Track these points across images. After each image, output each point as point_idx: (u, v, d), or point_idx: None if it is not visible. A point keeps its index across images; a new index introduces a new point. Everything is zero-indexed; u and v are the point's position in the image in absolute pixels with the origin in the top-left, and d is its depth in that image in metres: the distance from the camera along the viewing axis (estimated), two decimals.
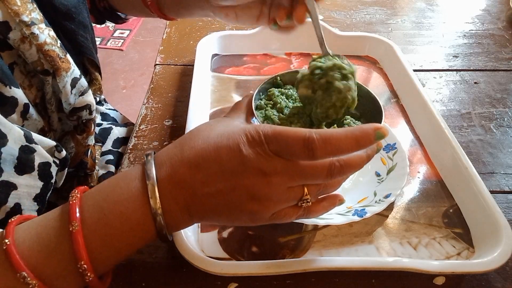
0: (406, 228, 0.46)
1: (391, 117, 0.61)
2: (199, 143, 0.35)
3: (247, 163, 0.33)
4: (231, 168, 0.33)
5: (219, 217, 0.35)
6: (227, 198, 0.34)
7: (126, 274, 0.41)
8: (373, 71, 0.71)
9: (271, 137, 0.33)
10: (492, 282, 0.42)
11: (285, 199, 0.34)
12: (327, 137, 0.32)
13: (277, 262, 0.40)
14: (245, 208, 0.34)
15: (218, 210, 0.34)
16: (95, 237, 0.32)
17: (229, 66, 0.70)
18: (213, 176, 0.33)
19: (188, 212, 0.34)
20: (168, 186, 0.34)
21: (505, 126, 0.61)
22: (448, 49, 0.78)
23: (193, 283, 0.41)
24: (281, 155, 0.33)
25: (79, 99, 0.45)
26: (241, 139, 0.33)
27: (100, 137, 0.62)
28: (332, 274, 0.41)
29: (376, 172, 0.51)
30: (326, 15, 0.87)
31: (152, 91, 0.65)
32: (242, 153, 0.33)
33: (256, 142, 0.33)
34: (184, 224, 0.36)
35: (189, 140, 0.36)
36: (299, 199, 0.35)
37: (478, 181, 0.47)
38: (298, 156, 0.32)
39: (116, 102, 1.91)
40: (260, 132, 0.33)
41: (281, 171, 0.33)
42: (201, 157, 0.34)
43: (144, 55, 2.26)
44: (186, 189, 0.34)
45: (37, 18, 0.40)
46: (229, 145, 0.33)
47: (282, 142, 0.32)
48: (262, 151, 0.33)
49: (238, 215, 0.35)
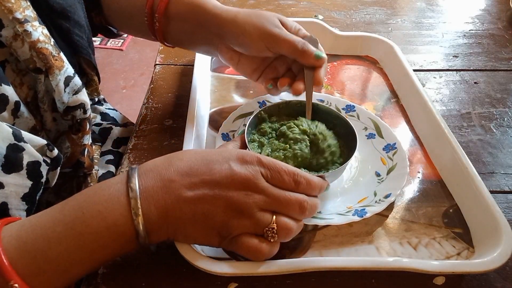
0: (406, 228, 0.46)
1: (391, 117, 0.61)
2: (188, 156, 0.38)
3: (235, 177, 0.36)
4: (219, 180, 0.36)
5: (193, 228, 0.36)
6: (206, 206, 0.35)
7: (126, 274, 0.41)
8: (373, 71, 0.71)
9: (265, 162, 0.37)
10: (492, 282, 0.42)
11: (256, 219, 0.36)
12: (308, 178, 0.39)
13: (277, 262, 0.40)
14: (219, 218, 0.36)
15: (194, 219, 0.36)
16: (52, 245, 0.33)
17: (229, 66, 0.70)
18: (200, 182, 0.36)
19: (166, 219, 0.35)
20: (151, 190, 0.35)
21: (505, 126, 0.61)
22: (448, 49, 0.78)
23: (193, 283, 0.41)
24: (270, 180, 0.37)
25: (72, 98, 0.45)
26: (232, 157, 0.37)
27: (100, 137, 0.61)
28: (332, 274, 0.41)
29: (376, 172, 0.51)
30: (326, 15, 0.87)
31: (152, 91, 0.65)
32: (232, 168, 0.36)
33: (248, 163, 0.37)
34: (158, 232, 0.36)
35: (177, 154, 0.38)
36: (266, 225, 0.36)
37: (478, 181, 0.47)
38: (285, 184, 0.37)
39: (116, 102, 1.91)
40: (255, 156, 0.37)
41: (262, 191, 0.36)
42: (191, 167, 0.37)
43: (144, 55, 2.26)
44: (170, 193, 0.35)
45: (31, 16, 0.40)
46: (219, 160, 0.37)
47: (275, 169, 0.37)
48: (253, 171, 0.36)
49: (211, 226, 0.36)
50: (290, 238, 0.38)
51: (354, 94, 0.66)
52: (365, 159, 0.53)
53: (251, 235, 0.37)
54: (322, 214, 0.46)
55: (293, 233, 0.38)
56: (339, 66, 0.72)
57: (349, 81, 0.68)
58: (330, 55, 0.74)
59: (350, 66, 0.72)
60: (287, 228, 0.37)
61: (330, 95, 0.62)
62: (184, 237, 0.38)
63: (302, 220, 0.39)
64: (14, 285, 0.31)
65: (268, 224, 0.36)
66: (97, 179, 0.55)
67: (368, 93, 0.66)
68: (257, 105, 0.59)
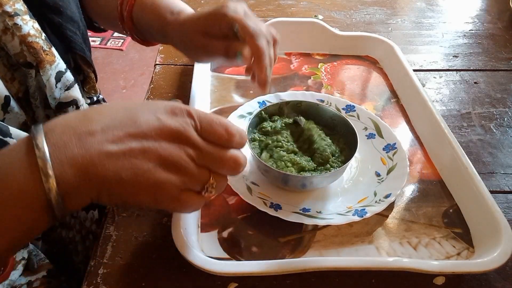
0: (406, 228, 0.46)
1: (391, 117, 0.61)
2: (107, 109, 0.33)
3: (164, 129, 0.32)
4: (146, 132, 0.31)
5: (121, 187, 0.31)
6: (134, 162, 0.30)
7: (126, 274, 0.41)
8: (373, 71, 0.71)
9: (195, 115, 0.33)
10: (492, 282, 0.42)
11: (193, 176, 0.33)
12: (240, 130, 0.35)
13: (277, 262, 0.40)
14: (151, 176, 0.31)
15: (122, 177, 0.30)
16: None
17: (229, 66, 0.70)
18: (125, 135, 0.31)
19: (85, 178, 0.30)
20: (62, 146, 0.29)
21: (505, 126, 0.61)
22: (448, 49, 0.78)
23: (193, 283, 0.41)
24: (201, 133, 0.33)
25: (64, 94, 0.44)
26: (159, 110, 0.33)
27: None
28: (332, 274, 0.41)
29: (376, 172, 0.51)
30: (326, 15, 0.87)
31: (152, 91, 0.65)
32: (160, 119, 0.32)
33: (178, 115, 0.33)
34: (76, 196, 0.30)
35: (94, 108, 0.33)
36: (204, 183, 0.34)
37: (478, 181, 0.47)
38: (217, 137, 0.34)
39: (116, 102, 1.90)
40: (184, 108, 0.33)
41: (194, 144, 0.33)
42: (112, 119, 0.32)
43: (144, 55, 2.26)
44: (89, 148, 0.30)
45: (21, 10, 0.40)
46: (145, 113, 0.32)
47: (206, 121, 0.33)
48: (183, 122, 0.32)
49: (142, 185, 0.31)
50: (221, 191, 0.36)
51: (354, 94, 0.66)
52: (365, 159, 0.53)
53: (191, 192, 0.34)
54: (322, 214, 0.46)
55: (224, 185, 0.36)
56: (339, 66, 0.72)
57: (349, 81, 0.68)
58: (330, 55, 0.74)
59: (350, 66, 0.72)
60: (223, 184, 0.35)
61: (330, 95, 0.62)
62: (110, 198, 0.32)
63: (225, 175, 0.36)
64: None
65: (207, 180, 0.34)
66: None
67: (368, 93, 0.66)
68: (257, 105, 0.59)
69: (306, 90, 0.65)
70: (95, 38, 2.38)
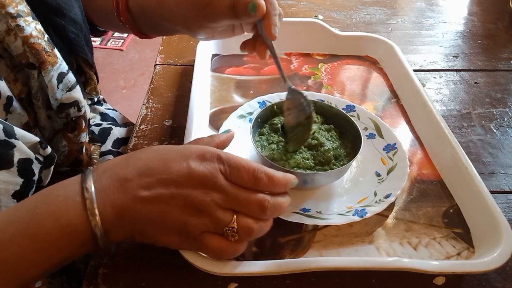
0: (406, 228, 0.46)
1: (391, 117, 0.61)
2: (146, 155, 0.37)
3: (192, 176, 0.35)
4: (175, 178, 0.35)
5: (150, 228, 0.35)
6: (163, 207, 0.35)
7: (126, 274, 0.41)
8: (373, 71, 0.71)
9: (224, 159, 0.36)
10: (492, 282, 0.42)
11: (213, 219, 0.35)
12: (270, 174, 0.37)
13: (277, 262, 0.40)
14: (177, 218, 0.35)
15: (151, 219, 0.35)
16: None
17: (229, 66, 0.70)
18: (157, 182, 0.35)
19: (122, 219, 0.34)
20: (107, 189, 0.34)
21: (505, 126, 0.61)
22: (448, 49, 0.78)
23: (193, 283, 0.41)
24: (229, 177, 0.36)
25: (66, 95, 0.44)
26: (192, 155, 0.36)
27: (99, 137, 0.61)
28: (332, 274, 0.41)
29: (376, 172, 0.51)
30: (326, 15, 0.87)
31: (152, 91, 0.65)
32: (190, 166, 0.35)
33: (208, 160, 0.36)
34: (116, 233, 0.35)
35: (135, 153, 0.38)
36: (226, 224, 0.35)
37: (478, 181, 0.47)
38: (244, 181, 0.36)
39: (116, 102, 1.90)
40: (215, 153, 0.36)
41: (221, 189, 0.35)
42: (148, 166, 0.36)
43: (144, 55, 2.26)
44: (126, 193, 0.34)
45: (24, 11, 0.40)
46: (178, 158, 0.36)
47: (234, 166, 0.36)
48: (211, 168, 0.35)
49: (169, 225, 0.35)
50: (253, 238, 0.37)
51: (354, 94, 0.66)
52: (365, 159, 0.53)
53: (213, 234, 0.36)
54: (322, 214, 0.46)
55: (255, 233, 0.37)
56: (339, 66, 0.72)
57: (349, 81, 0.68)
58: (330, 55, 0.74)
59: (350, 66, 0.72)
60: (248, 227, 0.36)
61: (330, 95, 0.62)
62: (141, 237, 0.36)
63: (268, 220, 0.38)
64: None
65: (228, 223, 0.35)
66: None
67: (368, 93, 0.66)
68: (257, 105, 0.59)
69: (306, 90, 0.65)
70: (95, 38, 2.38)
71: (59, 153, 0.48)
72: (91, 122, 0.64)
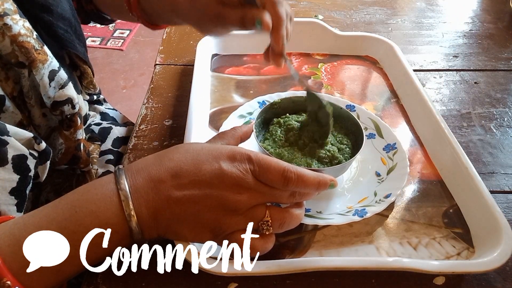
0: (406, 228, 0.46)
1: (391, 117, 0.61)
2: (178, 156, 0.37)
3: (224, 177, 0.35)
4: (208, 180, 0.36)
5: (184, 227, 0.36)
6: (196, 207, 0.35)
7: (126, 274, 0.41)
8: (373, 71, 0.71)
9: (254, 160, 0.37)
10: (492, 282, 0.42)
11: (249, 216, 0.36)
12: (300, 174, 0.37)
13: (277, 262, 0.40)
14: (211, 216, 0.36)
15: (184, 219, 0.36)
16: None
17: (229, 66, 0.70)
18: (190, 183, 0.36)
19: (156, 219, 0.35)
20: (141, 190, 0.35)
21: (505, 126, 0.61)
22: (448, 49, 0.78)
23: (193, 283, 0.41)
24: (259, 177, 0.36)
25: (58, 92, 0.44)
26: (222, 156, 0.37)
27: (99, 136, 0.61)
28: (332, 274, 0.41)
29: (376, 172, 0.51)
30: (326, 15, 0.87)
31: (152, 91, 0.65)
32: (221, 168, 0.36)
33: (238, 161, 0.36)
34: (149, 231, 0.36)
35: (167, 153, 0.38)
36: (260, 219, 0.37)
37: (478, 181, 0.47)
38: (274, 182, 0.36)
39: (116, 102, 1.91)
40: (245, 154, 0.37)
41: (253, 188, 0.36)
42: (180, 167, 0.36)
43: (144, 55, 2.26)
44: (160, 194, 0.35)
45: (10, 9, 0.40)
46: (209, 160, 0.37)
47: (264, 167, 0.36)
48: (242, 169, 0.36)
49: (202, 224, 0.36)
50: (285, 229, 0.38)
51: (354, 94, 0.66)
52: (365, 159, 0.53)
53: (245, 231, 0.37)
54: (322, 214, 0.46)
55: (287, 224, 0.38)
56: (339, 66, 0.72)
57: (349, 81, 0.68)
58: (330, 55, 0.74)
59: (350, 66, 0.72)
60: (281, 218, 0.37)
61: (330, 95, 0.62)
62: (174, 236, 0.38)
63: (297, 214, 0.39)
64: (6, 283, 0.31)
65: (262, 217, 0.37)
66: (97, 178, 0.55)
67: (368, 93, 0.66)
68: (257, 105, 0.59)
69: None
70: (95, 38, 2.38)
71: (57, 151, 0.48)
72: (91, 122, 0.64)
